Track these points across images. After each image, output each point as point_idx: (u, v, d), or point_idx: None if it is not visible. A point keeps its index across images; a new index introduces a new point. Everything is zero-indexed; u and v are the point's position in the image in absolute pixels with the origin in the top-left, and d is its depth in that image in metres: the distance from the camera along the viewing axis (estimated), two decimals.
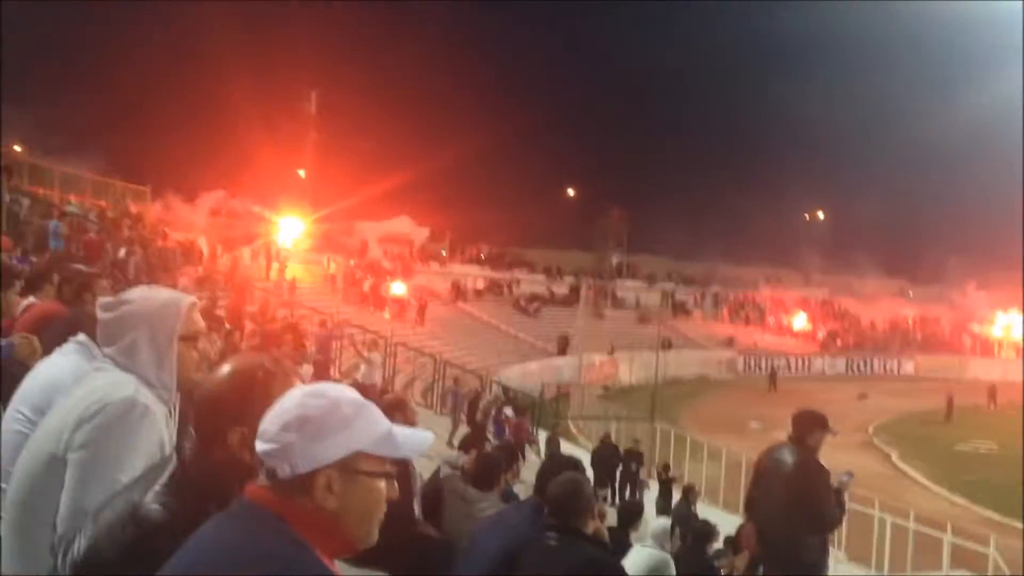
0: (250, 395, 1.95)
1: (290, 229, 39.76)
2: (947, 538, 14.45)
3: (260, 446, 1.62)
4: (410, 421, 5.90)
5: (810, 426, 6.22)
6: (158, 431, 2.41)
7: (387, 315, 36.53)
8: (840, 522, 6.41)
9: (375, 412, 1.68)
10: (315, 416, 1.60)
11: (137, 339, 2.52)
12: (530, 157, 65.15)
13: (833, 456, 21.13)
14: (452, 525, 5.49)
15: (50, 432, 2.38)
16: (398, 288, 40.75)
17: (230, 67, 42.50)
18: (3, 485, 2.43)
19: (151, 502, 1.95)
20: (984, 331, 63.90)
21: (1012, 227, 70.45)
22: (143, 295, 2.64)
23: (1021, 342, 62.19)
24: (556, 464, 5.17)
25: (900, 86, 76.07)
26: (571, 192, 65.88)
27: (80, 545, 1.98)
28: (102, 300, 2.66)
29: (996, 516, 22.47)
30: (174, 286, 15.50)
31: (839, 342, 59.15)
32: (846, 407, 39.49)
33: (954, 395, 39.73)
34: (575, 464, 4.67)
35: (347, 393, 1.68)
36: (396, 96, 59.80)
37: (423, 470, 6.56)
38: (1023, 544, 16.86)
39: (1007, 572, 13.52)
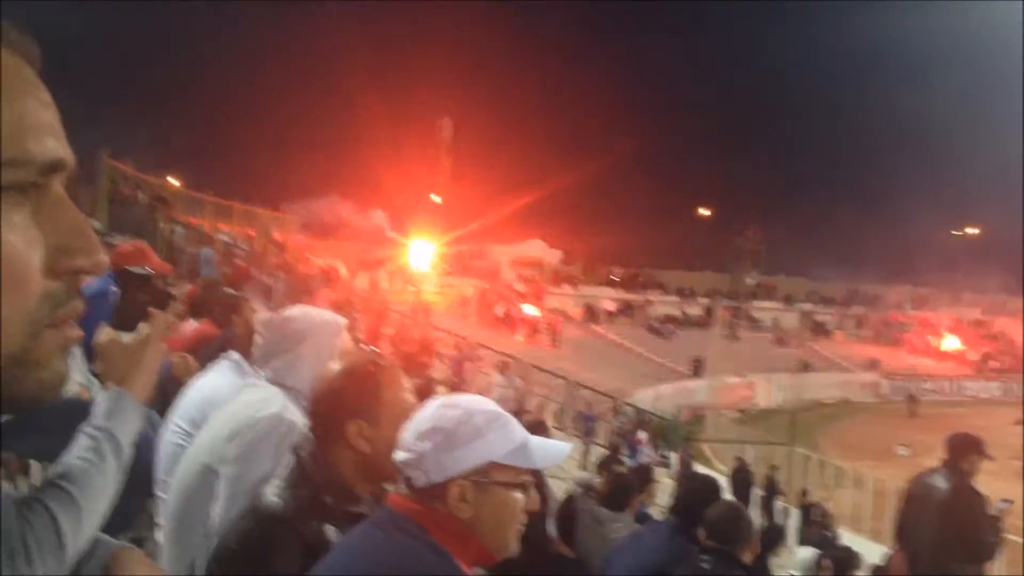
0: (363, 388, 2.02)
1: (424, 252, 40.66)
2: None
3: (398, 455, 1.68)
4: None
5: (965, 450, 5.96)
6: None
7: (520, 338, 36.83)
8: (996, 551, 6.07)
9: (510, 423, 1.70)
10: (448, 426, 1.64)
11: (299, 355, 2.62)
12: (662, 177, 65.06)
13: (989, 484, 20.05)
14: (584, 545, 5.47)
15: (204, 445, 2.50)
16: (531, 311, 41.03)
17: (364, 94, 44.01)
18: (163, 496, 2.54)
19: (271, 495, 2.03)
20: None
21: None
22: (304, 314, 2.76)
23: None
24: (696, 484, 5.10)
25: None
26: (704, 212, 65.05)
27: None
28: (263, 318, 2.77)
29: None
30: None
31: (993, 364, 55.97)
32: (1001, 432, 37.12)
33: None
34: (715, 484, 4.59)
35: (482, 404, 1.72)
36: (528, 119, 60.77)
37: (558, 492, 6.58)
38: None
39: None
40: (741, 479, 19.13)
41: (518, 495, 1.69)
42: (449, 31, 60.95)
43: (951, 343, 58.45)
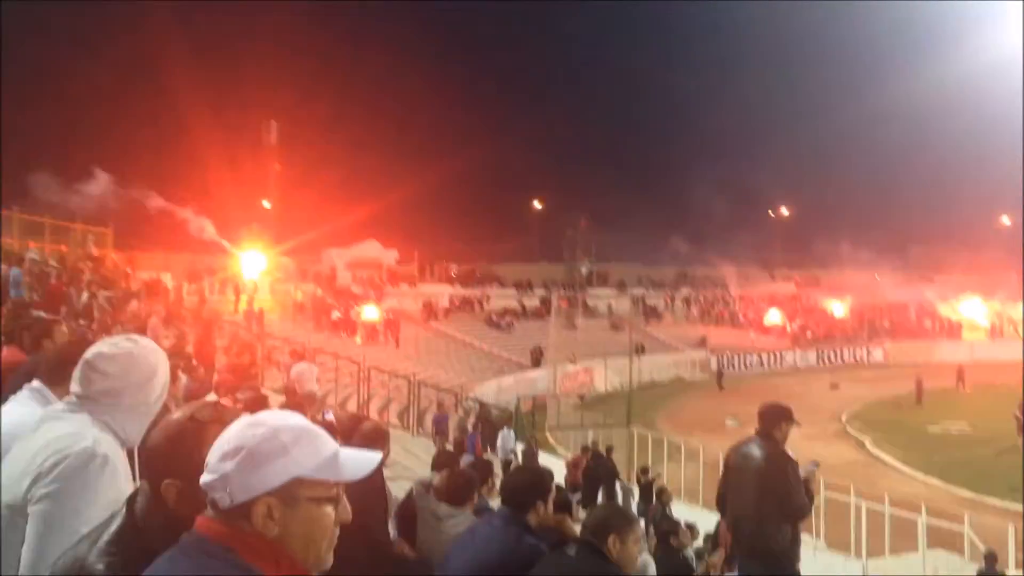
0: (180, 448, 1.93)
1: (255, 260, 39.55)
2: (922, 520, 14.65)
3: (203, 478, 1.64)
4: (385, 453, 5.97)
5: (776, 419, 6.32)
6: (119, 480, 2.40)
7: (359, 340, 36.45)
8: (809, 511, 6.50)
9: (318, 437, 1.69)
10: (251, 444, 1.62)
11: (124, 389, 2.53)
12: (495, 173, 65.53)
13: (809, 446, 21.59)
14: (426, 543, 5.54)
15: (9, 483, 2.36)
16: (369, 312, 40.68)
17: (187, 95, 42.27)
18: None
19: (95, 559, 1.92)
20: (950, 315, 64.83)
21: (973, 212, 71.88)
22: (135, 348, 2.62)
23: (987, 324, 63.34)
24: (526, 474, 5.25)
25: (864, 77, 77.18)
26: (538, 205, 66.18)
27: None
28: (97, 346, 2.62)
29: (970, 495, 22.79)
30: (142, 327, 15.43)
31: (809, 335, 59.66)
32: (819, 398, 39.94)
33: (923, 379, 40.24)
34: (543, 473, 4.73)
35: (288, 420, 1.69)
36: (358, 122, 59.93)
37: (399, 492, 6.61)
38: (997, 520, 17.17)
39: (982, 548, 13.72)
40: (597, 466, 19.62)
41: (328, 509, 1.67)
42: (273, 31, 59.37)
43: (772, 317, 61.88)
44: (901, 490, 21.82)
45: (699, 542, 11.41)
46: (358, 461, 1.73)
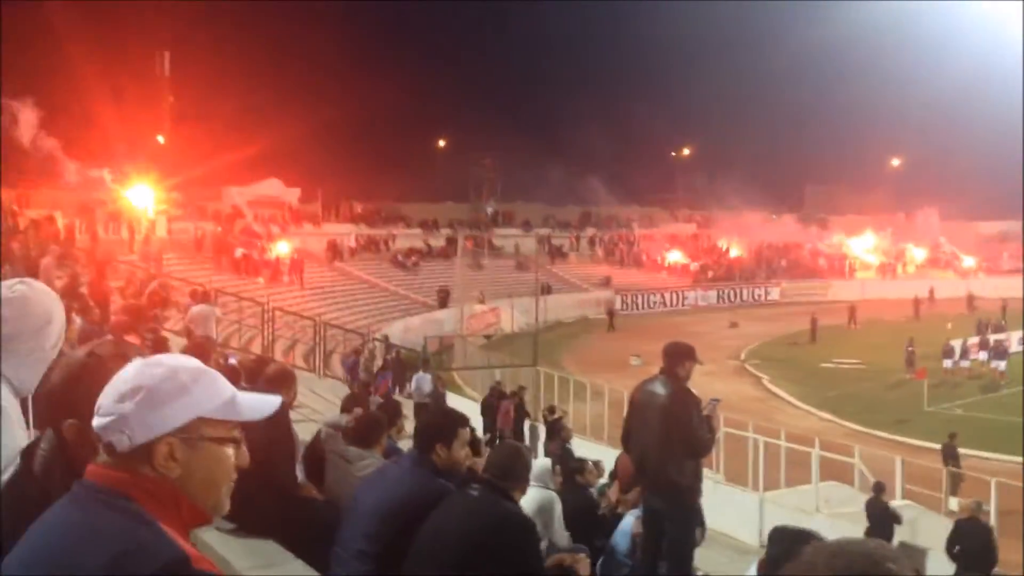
0: (81, 385, 1.88)
1: (147, 197, 38.12)
2: (815, 453, 15.29)
3: (96, 421, 1.58)
4: (291, 396, 5.88)
5: (679, 357, 6.44)
6: (14, 430, 2.27)
7: (261, 280, 35.76)
8: (711, 447, 6.69)
9: (217, 378, 1.66)
10: (151, 384, 1.57)
11: (18, 335, 2.33)
12: (399, 111, 64.36)
13: (710, 383, 22.12)
14: (335, 486, 5.49)
15: None
16: (272, 252, 39.90)
17: (72, 28, 40.03)
18: None
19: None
20: (843, 254, 67.26)
21: (864, 154, 74.26)
22: (29, 292, 2.42)
23: (877, 263, 66.02)
24: (434, 416, 5.25)
25: (765, 21, 78.03)
26: (442, 143, 65.56)
27: None
28: None
29: (860, 428, 23.90)
30: (34, 268, 14.77)
31: (710, 274, 61.11)
32: (719, 336, 41.11)
33: (817, 317, 41.78)
34: (453, 415, 4.72)
35: (186, 361, 1.66)
36: (256, 56, 57.89)
37: (307, 435, 6.53)
38: (886, 452, 18.06)
39: (871, 479, 14.42)
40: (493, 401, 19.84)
41: (229, 451, 1.64)
42: None
43: (673, 257, 63.15)
44: (796, 424, 22.72)
45: (604, 479, 11.66)
46: (260, 402, 1.71)
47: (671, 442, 6.24)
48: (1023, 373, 27.59)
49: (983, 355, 31.99)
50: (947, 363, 30.75)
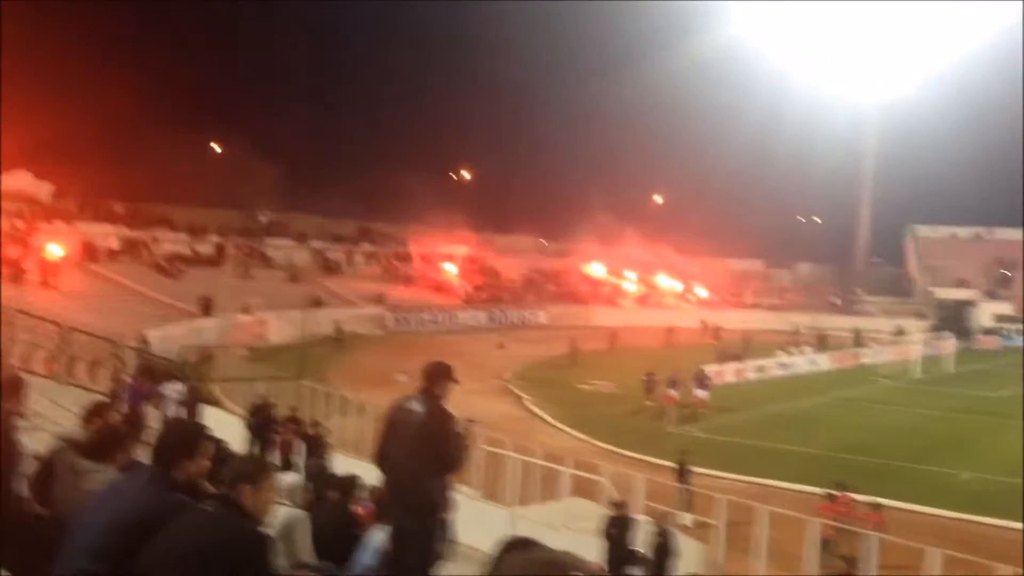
0: None
1: None
2: (566, 471, 15.99)
3: None
4: (18, 404, 5.49)
5: (438, 377, 6.58)
6: None
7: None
8: (462, 464, 6.87)
9: None
10: None
11: None
12: (169, 108, 60.86)
13: (474, 402, 22.65)
14: (63, 501, 5.18)
15: None
16: (16, 250, 36.78)
17: None
18: None
19: None
20: (606, 282, 70.84)
21: (636, 188, 78.74)
22: None
23: (637, 292, 70.05)
24: (174, 428, 5.09)
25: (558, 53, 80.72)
26: (216, 147, 62.86)
27: None
28: None
29: (611, 447, 25.21)
30: None
31: (482, 295, 62.44)
32: (486, 356, 42.09)
33: (578, 341, 43.69)
34: (194, 428, 4.60)
35: None
36: (10, 36, 53.13)
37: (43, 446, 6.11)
38: (632, 471, 19.15)
39: (616, 497, 15.26)
40: (262, 417, 19.18)
41: None
42: None
43: (448, 277, 64.02)
44: (553, 443, 23.66)
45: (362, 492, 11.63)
46: None
47: (423, 459, 6.36)
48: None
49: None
50: (700, 392, 32.05)
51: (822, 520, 14.43)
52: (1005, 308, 66.32)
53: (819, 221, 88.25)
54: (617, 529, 13.00)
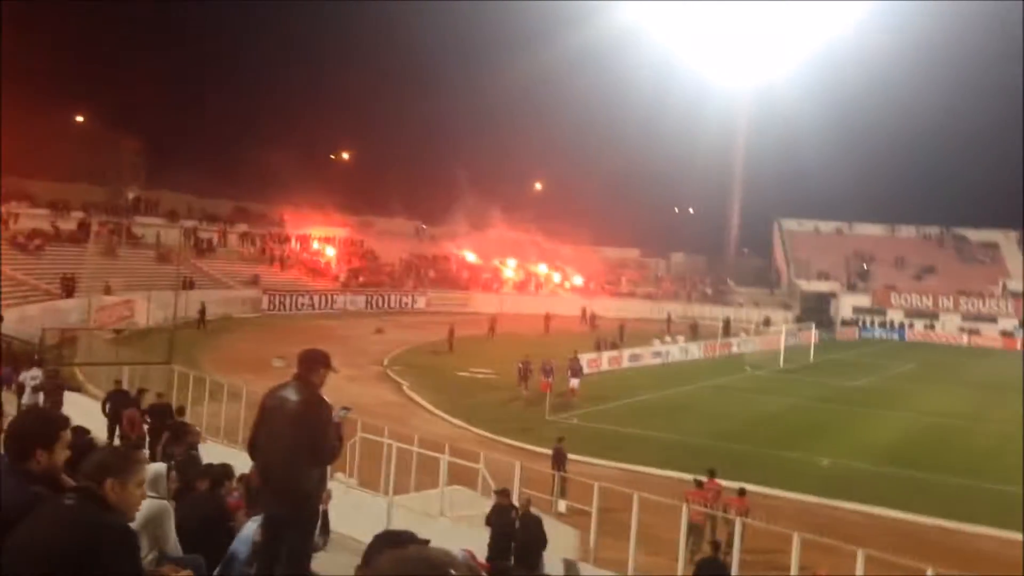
0: None
1: None
2: (444, 458, 15.96)
3: None
4: None
5: (314, 364, 6.44)
6: None
7: None
8: (338, 454, 6.76)
9: None
10: None
11: None
12: (30, 78, 57.47)
13: (351, 388, 22.40)
14: None
15: None
16: None
17: None
18: None
19: None
20: (486, 268, 71.09)
21: (516, 175, 79.25)
22: None
23: (516, 279, 70.57)
24: (30, 417, 4.82)
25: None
26: (80, 119, 59.86)
27: None
28: None
29: (489, 434, 25.34)
30: None
31: (360, 279, 61.72)
32: (365, 341, 41.68)
33: (457, 327, 43.69)
34: (48, 417, 4.37)
35: None
36: None
37: None
38: (509, 457, 19.30)
39: (492, 484, 15.35)
40: (118, 401, 18.44)
41: None
42: None
43: (325, 259, 63.01)
44: (431, 430, 23.59)
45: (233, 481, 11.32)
46: None
47: (298, 449, 6.23)
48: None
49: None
50: (572, 380, 32.36)
51: (691, 506, 14.86)
52: (863, 300, 69.86)
53: (692, 212, 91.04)
54: (499, 518, 13.05)
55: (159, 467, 7.18)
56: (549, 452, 20.28)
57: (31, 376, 18.69)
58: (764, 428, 28.52)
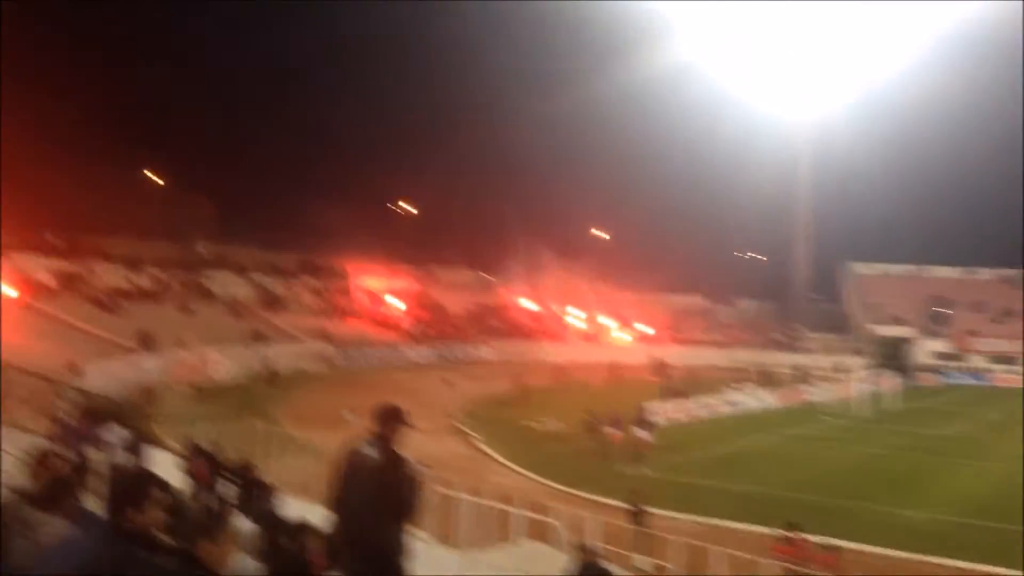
0: None
1: None
2: (516, 512, 15.79)
3: None
4: None
5: (388, 420, 6.51)
6: None
7: None
8: (419, 512, 6.77)
9: None
10: None
11: None
12: (106, 136, 59.46)
13: (423, 442, 22.13)
14: (18, 556, 4.95)
15: None
16: None
17: None
18: None
19: None
20: (552, 317, 71.00)
21: (576, 223, 79.42)
22: None
23: (583, 328, 70.30)
24: (123, 475, 4.92)
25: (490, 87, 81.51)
26: (154, 177, 61.76)
27: None
28: None
29: (563, 487, 24.98)
30: None
31: (427, 331, 62.05)
32: (434, 393, 41.75)
33: (527, 377, 43.56)
34: (142, 475, 4.46)
35: None
36: None
37: None
38: (587, 512, 19.02)
39: (568, 539, 15.13)
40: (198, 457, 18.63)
41: None
42: None
43: (393, 312, 63.57)
44: (504, 484, 23.44)
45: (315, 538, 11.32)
46: None
47: (381, 507, 6.26)
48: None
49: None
50: (640, 432, 31.58)
51: (779, 562, 14.43)
52: (941, 345, 67.81)
53: (761, 258, 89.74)
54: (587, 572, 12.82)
55: (252, 527, 7.23)
56: (623, 506, 19.93)
57: (115, 433, 19.06)
58: (849, 479, 27.64)
